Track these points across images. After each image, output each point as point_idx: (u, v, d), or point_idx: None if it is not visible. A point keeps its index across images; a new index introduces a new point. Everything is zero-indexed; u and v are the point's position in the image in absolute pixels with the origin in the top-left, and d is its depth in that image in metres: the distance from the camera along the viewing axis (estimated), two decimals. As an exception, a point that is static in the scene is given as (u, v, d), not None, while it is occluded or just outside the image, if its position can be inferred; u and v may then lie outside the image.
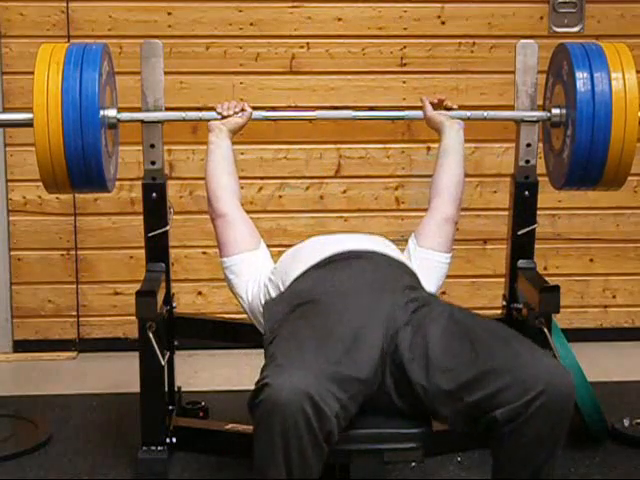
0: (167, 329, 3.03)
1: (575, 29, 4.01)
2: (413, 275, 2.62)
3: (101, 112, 2.69)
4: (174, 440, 2.92)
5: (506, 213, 3.12)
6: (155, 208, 2.98)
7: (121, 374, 3.72)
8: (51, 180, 2.71)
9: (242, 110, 2.90)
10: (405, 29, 3.99)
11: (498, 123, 3.53)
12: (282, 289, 2.62)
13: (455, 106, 2.96)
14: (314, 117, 3.09)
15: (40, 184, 2.75)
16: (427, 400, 2.26)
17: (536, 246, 3.04)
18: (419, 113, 3.00)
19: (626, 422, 3.23)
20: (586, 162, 2.75)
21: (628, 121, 2.71)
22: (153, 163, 2.96)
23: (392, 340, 2.32)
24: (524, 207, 3.01)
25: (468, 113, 2.98)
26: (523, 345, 2.26)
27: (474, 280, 4.15)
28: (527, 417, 2.13)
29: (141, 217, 2.99)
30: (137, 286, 2.81)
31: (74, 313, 4.07)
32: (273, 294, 2.66)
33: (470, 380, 2.18)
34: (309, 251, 2.66)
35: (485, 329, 2.31)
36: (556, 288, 2.77)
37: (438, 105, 2.96)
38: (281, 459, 2.09)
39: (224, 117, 2.89)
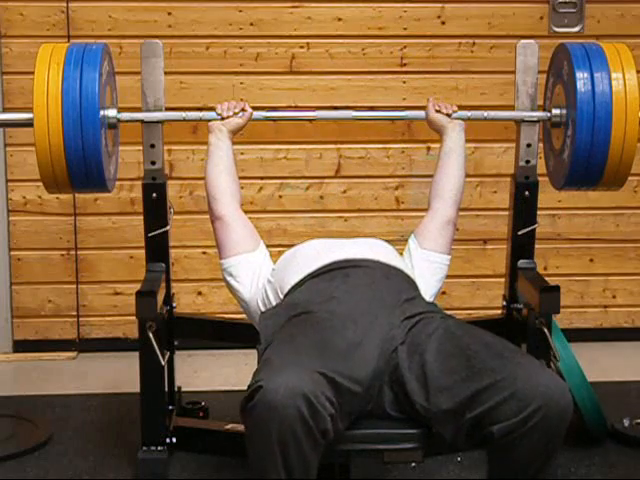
0: (167, 329, 3.03)
1: (575, 29, 4.01)
2: (411, 283, 2.61)
3: (101, 112, 2.69)
4: (174, 440, 2.92)
5: (506, 213, 3.12)
6: (155, 208, 2.98)
7: (121, 374, 3.72)
8: (51, 180, 2.71)
9: (242, 110, 2.90)
10: (405, 29, 3.99)
11: (498, 123, 3.53)
12: (279, 294, 2.62)
13: (451, 110, 2.95)
14: (314, 117, 3.09)
15: (40, 184, 2.75)
16: (427, 419, 2.25)
17: (536, 246, 3.04)
18: (419, 113, 3.00)
19: (626, 422, 3.23)
20: (586, 162, 2.75)
21: (628, 121, 2.70)
22: (153, 163, 2.96)
23: (390, 359, 2.31)
24: (524, 207, 3.01)
25: (468, 113, 2.98)
26: (521, 359, 2.24)
27: (474, 280, 4.15)
28: (523, 432, 2.12)
29: (141, 217, 2.99)
30: (137, 286, 2.80)
31: (74, 313, 4.07)
32: (271, 296, 2.66)
33: (469, 397, 2.17)
34: (307, 257, 2.65)
35: (482, 344, 2.30)
36: (556, 288, 2.77)
37: (438, 111, 2.96)
38: (280, 460, 2.09)
39: (224, 118, 2.89)
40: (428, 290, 2.70)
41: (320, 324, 2.34)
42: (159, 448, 2.88)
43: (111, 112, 2.83)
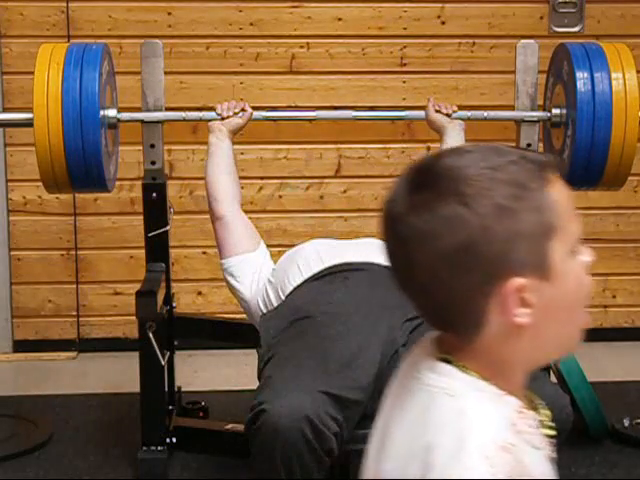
0: (167, 329, 3.03)
1: (575, 29, 4.00)
2: None
3: (101, 112, 2.69)
4: (174, 440, 2.92)
5: (506, 213, 3.11)
6: (155, 208, 2.98)
7: (121, 374, 3.72)
8: (51, 180, 2.71)
9: (242, 110, 2.90)
10: (405, 29, 3.99)
11: (498, 123, 3.53)
12: (280, 294, 2.62)
13: (451, 110, 2.95)
14: (314, 117, 3.10)
15: (40, 184, 2.75)
16: None
17: (536, 246, 3.03)
18: (419, 113, 3.00)
19: (626, 422, 3.22)
20: (586, 162, 2.75)
21: (628, 121, 2.71)
22: (153, 163, 2.96)
23: (392, 361, 2.31)
24: (524, 207, 3.01)
25: (468, 113, 2.99)
26: None
27: (474, 280, 4.14)
28: None
29: (141, 217, 2.99)
30: (137, 286, 2.81)
31: (74, 313, 4.07)
32: (272, 296, 2.65)
33: None
34: (308, 258, 2.64)
35: None
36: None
37: (437, 112, 2.96)
38: (285, 479, 2.10)
39: (224, 118, 2.89)
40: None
41: (321, 331, 2.33)
42: (159, 448, 2.88)
43: (111, 112, 2.83)
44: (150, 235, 2.98)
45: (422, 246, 1.15)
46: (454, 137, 2.91)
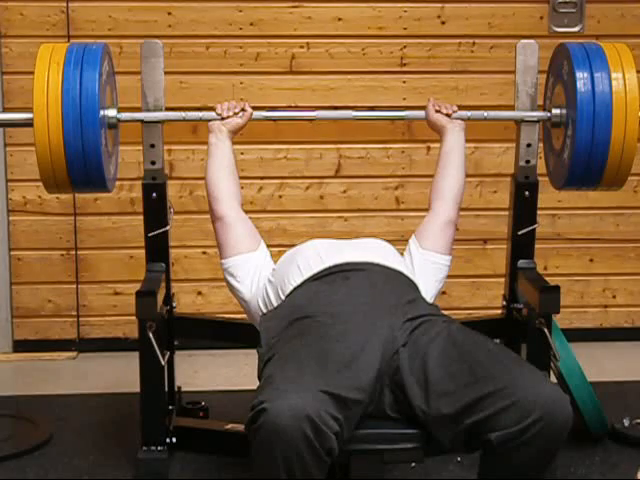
0: (167, 329, 3.03)
1: (575, 29, 4.01)
2: (412, 285, 2.61)
3: (101, 112, 2.69)
4: (174, 440, 2.92)
5: (506, 213, 3.12)
6: (155, 208, 2.98)
7: (121, 374, 3.72)
8: (51, 180, 2.71)
9: (242, 110, 2.90)
10: (405, 29, 3.99)
11: (498, 123, 3.53)
12: (280, 294, 2.62)
13: (451, 111, 2.95)
14: (314, 117, 3.09)
15: (40, 184, 2.75)
16: (426, 423, 2.25)
17: (536, 246, 3.04)
18: (419, 113, 3.00)
19: (626, 422, 3.23)
20: (586, 162, 2.75)
21: (628, 121, 2.71)
22: (153, 163, 2.96)
23: (392, 361, 2.31)
24: (524, 207, 3.01)
25: (468, 113, 2.98)
26: (522, 368, 2.24)
27: (474, 280, 4.15)
28: (522, 442, 2.12)
29: (141, 217, 2.99)
30: (137, 286, 2.80)
31: (74, 313, 4.07)
32: (272, 296, 2.65)
33: (470, 403, 2.17)
34: (308, 258, 2.64)
35: (485, 350, 2.29)
36: (556, 288, 2.77)
37: (437, 112, 2.96)
38: (285, 478, 2.09)
39: (224, 118, 2.89)
40: (429, 290, 2.70)
41: (322, 330, 2.33)
42: (159, 448, 2.88)
43: (111, 112, 2.83)
44: (150, 235, 2.98)
45: None
46: (454, 137, 2.92)
